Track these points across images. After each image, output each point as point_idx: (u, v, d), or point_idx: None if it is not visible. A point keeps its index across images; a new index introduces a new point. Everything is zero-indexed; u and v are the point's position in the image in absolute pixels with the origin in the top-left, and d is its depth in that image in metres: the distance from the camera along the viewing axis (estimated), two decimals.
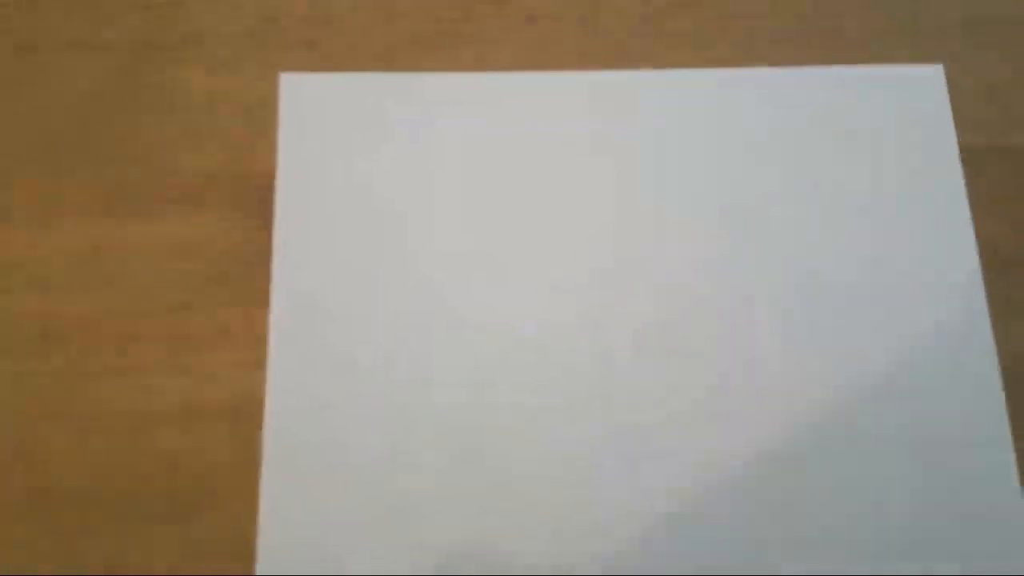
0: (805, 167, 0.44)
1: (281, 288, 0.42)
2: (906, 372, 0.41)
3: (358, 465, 0.40)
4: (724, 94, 0.45)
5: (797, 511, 0.39)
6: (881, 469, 0.40)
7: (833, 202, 0.43)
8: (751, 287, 0.42)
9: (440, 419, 0.41)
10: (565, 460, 0.40)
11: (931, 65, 0.45)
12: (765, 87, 0.45)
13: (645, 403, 0.41)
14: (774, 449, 0.40)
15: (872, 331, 0.41)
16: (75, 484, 0.40)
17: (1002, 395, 0.41)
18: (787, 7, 0.47)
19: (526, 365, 0.41)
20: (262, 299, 0.43)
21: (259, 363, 0.42)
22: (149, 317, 0.42)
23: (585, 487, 0.40)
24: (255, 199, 0.44)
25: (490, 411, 0.41)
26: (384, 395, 0.41)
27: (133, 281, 0.43)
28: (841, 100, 0.44)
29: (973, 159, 0.44)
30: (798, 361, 0.41)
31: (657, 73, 0.45)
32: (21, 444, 0.40)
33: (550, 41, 0.46)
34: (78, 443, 0.40)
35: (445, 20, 0.47)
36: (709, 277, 0.42)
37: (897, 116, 0.44)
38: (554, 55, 0.46)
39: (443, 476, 0.40)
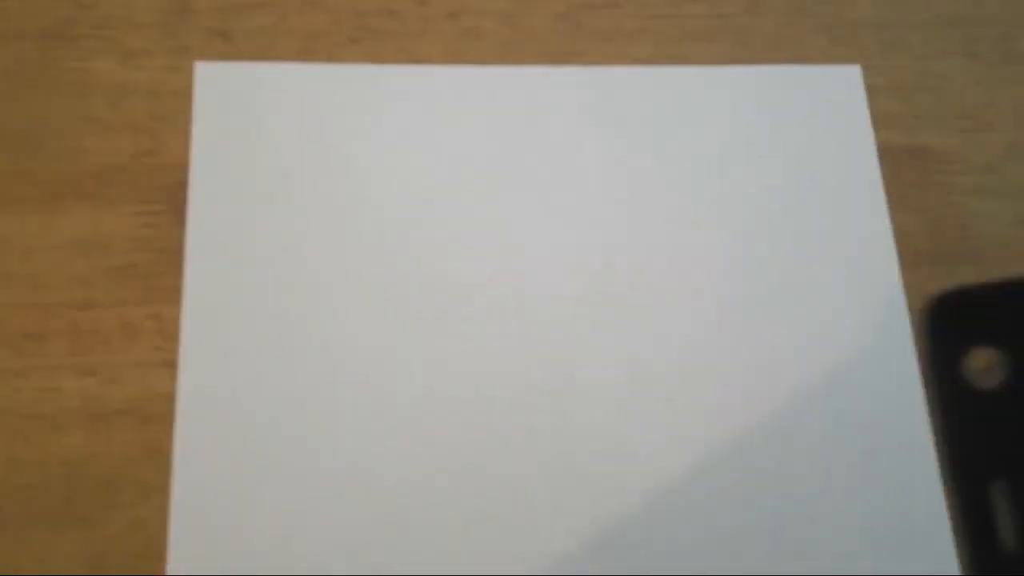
0: (722, 165, 0.44)
1: (194, 284, 0.41)
2: (829, 369, 0.41)
3: (273, 466, 0.38)
4: (639, 92, 0.45)
5: (724, 508, 0.39)
6: (805, 469, 0.40)
7: (753, 200, 0.43)
8: (670, 288, 0.42)
9: (374, 419, 0.39)
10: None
11: (849, 65, 0.46)
12: (683, 86, 0.45)
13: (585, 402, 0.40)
14: (704, 445, 0.40)
15: (793, 327, 0.42)
16: None
17: (922, 395, 0.41)
18: (703, 7, 0.48)
19: (476, 359, 0.40)
20: (172, 297, 0.41)
21: (168, 363, 0.40)
22: (50, 315, 0.40)
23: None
24: (165, 193, 0.42)
25: (421, 409, 0.40)
26: (302, 394, 0.39)
27: (33, 277, 0.41)
28: (759, 99, 0.45)
29: (889, 157, 0.45)
30: (724, 362, 0.41)
31: (574, 70, 0.45)
32: None
33: (474, 36, 0.46)
34: None
35: (366, 14, 0.46)
36: (634, 275, 0.42)
37: (815, 115, 0.45)
38: (479, 50, 0.46)
39: (365, 476, 0.39)
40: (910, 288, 0.43)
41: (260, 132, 0.43)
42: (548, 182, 0.43)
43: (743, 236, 0.43)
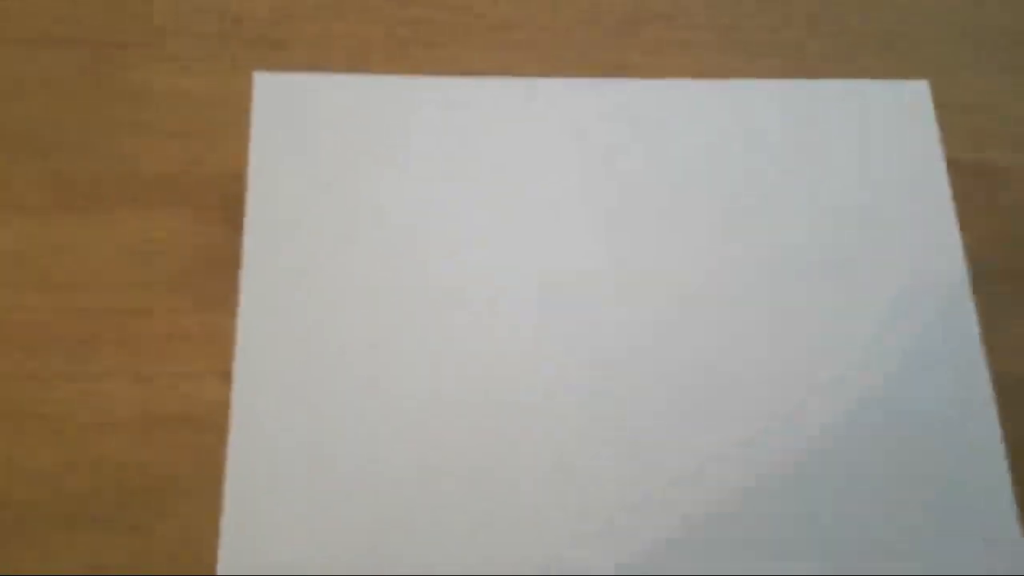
0: (792, 180, 0.43)
1: (250, 293, 0.40)
2: (898, 384, 0.40)
3: (330, 478, 0.37)
4: (708, 106, 0.44)
5: (787, 511, 0.38)
6: (868, 471, 0.39)
7: (821, 215, 0.42)
8: (740, 292, 0.41)
9: (418, 430, 0.38)
10: (555, 462, 0.38)
11: (918, 80, 0.45)
12: (752, 100, 0.44)
13: (635, 401, 0.39)
14: (766, 451, 0.39)
15: (861, 342, 0.41)
16: (21, 496, 0.37)
17: (993, 404, 0.40)
18: (771, 19, 0.47)
19: (516, 368, 0.39)
20: (227, 306, 0.40)
21: (222, 373, 0.39)
22: (104, 321, 0.39)
23: (576, 487, 0.38)
24: (220, 201, 0.42)
25: (475, 417, 0.39)
26: (358, 406, 0.39)
27: (88, 283, 0.40)
28: (827, 113, 0.44)
29: (957, 173, 0.44)
30: (785, 369, 0.40)
31: (643, 83, 0.44)
32: None
33: (524, 47, 0.45)
34: (24, 452, 0.37)
35: (419, 22, 0.46)
36: (697, 284, 0.41)
37: (884, 130, 0.44)
38: (527, 61, 0.45)
39: (421, 488, 0.37)
40: (981, 307, 0.42)
41: (318, 141, 0.43)
42: (595, 192, 0.42)
43: (808, 251, 0.42)
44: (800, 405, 0.40)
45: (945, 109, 0.45)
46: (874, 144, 0.44)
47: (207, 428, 0.38)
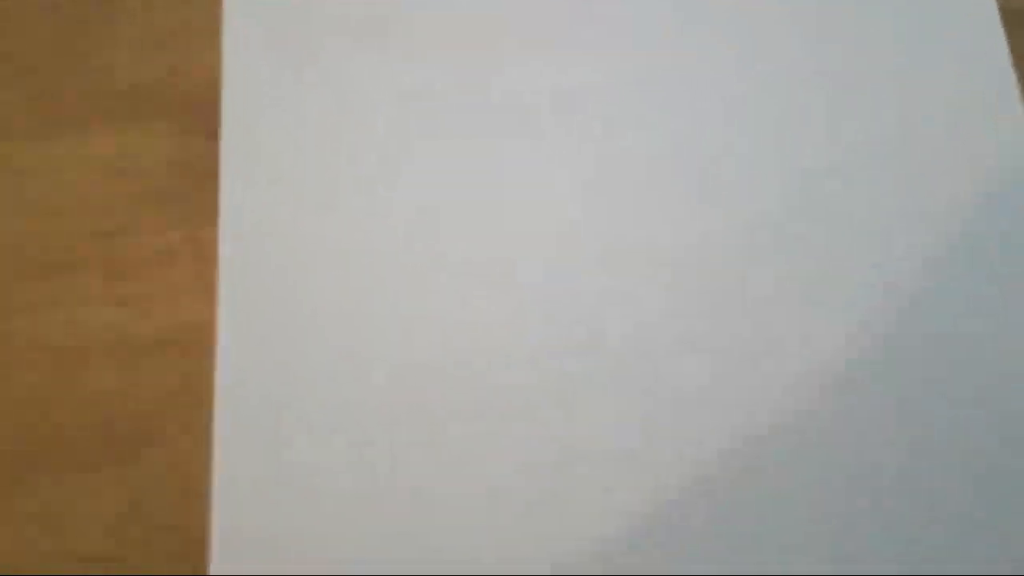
0: (841, 42, 0.39)
1: (231, 206, 0.37)
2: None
3: (320, 399, 0.35)
4: None
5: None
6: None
7: (872, 72, 0.39)
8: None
9: (404, 352, 0.36)
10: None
11: None
12: None
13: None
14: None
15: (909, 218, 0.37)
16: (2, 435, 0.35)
17: None
18: None
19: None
20: (209, 219, 0.38)
21: (207, 289, 0.37)
22: (80, 243, 0.37)
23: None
24: (198, 112, 0.39)
25: (463, 357, 0.36)
26: (346, 314, 0.36)
27: (61, 204, 0.38)
28: None
29: (1013, 21, 0.40)
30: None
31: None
32: None
33: None
34: (0, 382, 0.35)
35: None
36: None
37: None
38: None
39: (410, 412, 0.35)
40: None
41: (298, 47, 0.39)
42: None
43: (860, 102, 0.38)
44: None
45: None
46: None
47: (192, 350, 0.36)
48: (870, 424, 0.34)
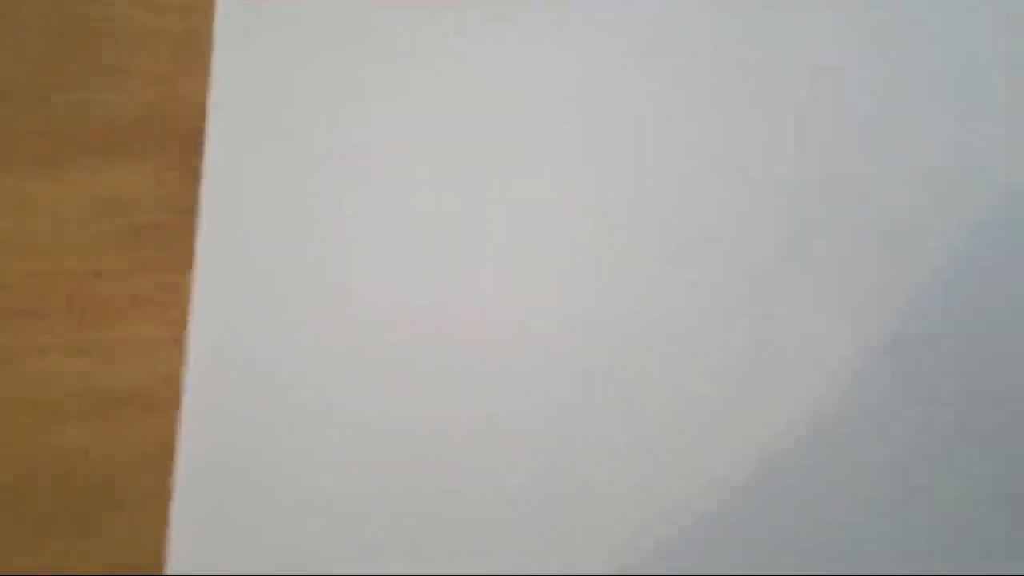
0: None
1: (209, 250, 0.35)
2: None
3: (288, 463, 0.32)
4: None
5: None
6: None
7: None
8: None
9: (392, 410, 0.33)
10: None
11: None
12: None
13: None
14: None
15: None
16: None
17: None
18: None
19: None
20: (185, 264, 0.35)
21: (177, 339, 0.34)
22: (46, 289, 0.35)
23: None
24: (180, 150, 0.37)
25: (452, 404, 0.33)
26: (324, 376, 0.33)
27: (25, 246, 0.36)
28: None
29: None
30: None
31: None
32: None
33: None
34: None
35: None
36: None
37: None
38: None
39: (389, 477, 0.32)
40: None
41: (288, 77, 0.37)
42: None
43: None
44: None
45: None
46: None
47: (158, 406, 0.33)
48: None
